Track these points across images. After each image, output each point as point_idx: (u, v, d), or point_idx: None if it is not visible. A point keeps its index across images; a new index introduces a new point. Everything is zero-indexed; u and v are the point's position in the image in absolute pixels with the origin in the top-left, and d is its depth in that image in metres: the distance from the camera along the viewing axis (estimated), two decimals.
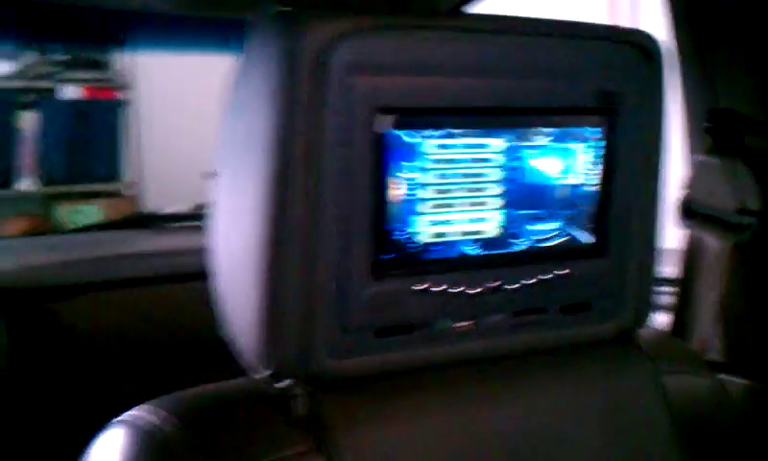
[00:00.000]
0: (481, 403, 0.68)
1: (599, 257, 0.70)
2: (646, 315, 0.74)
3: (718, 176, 0.79)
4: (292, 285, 0.59)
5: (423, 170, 0.61)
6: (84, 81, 3.38)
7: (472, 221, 0.64)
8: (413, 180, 0.61)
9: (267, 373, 0.62)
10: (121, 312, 1.45)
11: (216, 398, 0.66)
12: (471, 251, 0.65)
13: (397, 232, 0.61)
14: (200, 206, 2.30)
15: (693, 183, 0.83)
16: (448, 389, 0.67)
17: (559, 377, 0.72)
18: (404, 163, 0.60)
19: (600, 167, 0.68)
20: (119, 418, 0.65)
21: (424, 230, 0.62)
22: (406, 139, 0.60)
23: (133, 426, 0.62)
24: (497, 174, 0.64)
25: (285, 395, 0.63)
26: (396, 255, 0.62)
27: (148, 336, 1.46)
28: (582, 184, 0.68)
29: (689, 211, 0.84)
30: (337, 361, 0.62)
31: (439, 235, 0.63)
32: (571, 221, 0.68)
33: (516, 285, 0.66)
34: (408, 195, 0.61)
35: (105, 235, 1.86)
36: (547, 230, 0.67)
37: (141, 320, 1.46)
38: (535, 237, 0.67)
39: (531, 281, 0.67)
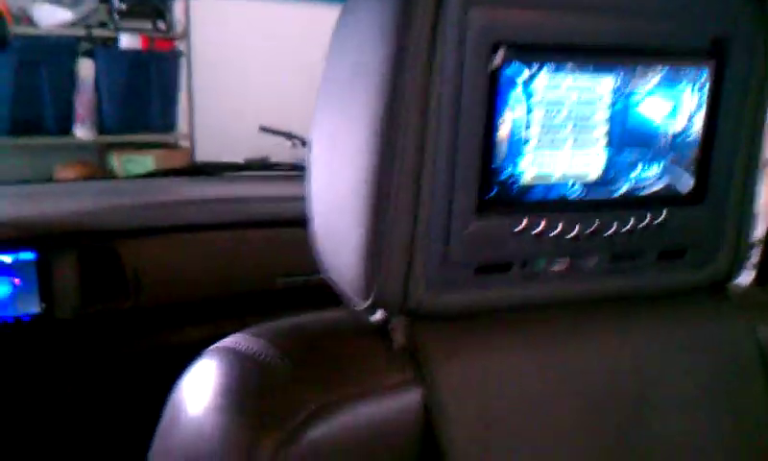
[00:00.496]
0: (573, 344, 0.68)
1: (698, 204, 0.69)
2: (741, 266, 0.73)
3: None
4: (397, 219, 0.59)
5: (530, 108, 0.61)
6: (142, 30, 3.39)
7: (576, 162, 0.63)
8: (520, 118, 0.60)
9: (366, 304, 0.62)
10: (184, 256, 1.47)
11: (314, 327, 0.66)
12: (572, 192, 0.64)
13: (503, 171, 0.61)
14: (252, 160, 2.32)
15: None
16: (543, 328, 0.67)
17: (650, 324, 0.71)
18: (513, 101, 0.60)
19: (704, 112, 0.67)
20: (214, 345, 0.65)
21: (528, 169, 0.62)
22: (517, 76, 0.59)
23: (232, 352, 0.63)
24: (603, 115, 0.63)
25: (384, 326, 0.64)
26: (498, 193, 0.61)
27: (209, 279, 1.48)
28: (685, 129, 0.66)
29: None
30: (436, 295, 0.62)
31: (542, 176, 0.63)
32: (672, 166, 0.67)
33: (614, 229, 0.66)
34: (514, 133, 0.61)
35: (162, 182, 1.88)
36: (648, 175, 0.66)
37: (203, 264, 1.48)
38: (635, 181, 0.66)
39: (629, 226, 0.66)
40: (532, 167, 0.62)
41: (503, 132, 0.60)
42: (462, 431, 0.61)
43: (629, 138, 0.64)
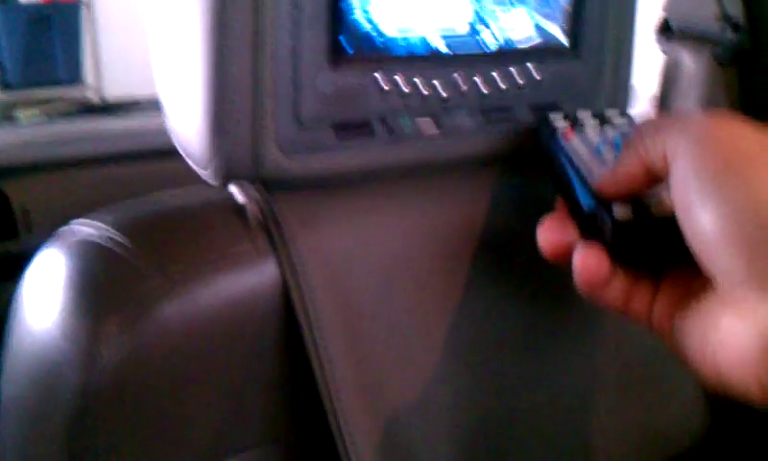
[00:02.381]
0: (444, 205, 0.64)
1: (574, 59, 0.66)
2: None
3: None
4: (238, 75, 0.53)
5: None
6: None
7: (440, 14, 0.59)
8: None
9: (218, 176, 0.57)
10: (76, 192, 1.39)
11: (159, 204, 0.61)
12: (439, 47, 0.60)
13: (357, 15, 0.56)
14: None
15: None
16: (410, 192, 0.63)
17: None
18: None
19: None
20: (51, 237, 0.59)
21: (387, 16, 0.57)
22: None
23: (71, 240, 0.57)
24: None
25: (236, 197, 0.60)
26: (356, 44, 0.57)
27: None
28: None
29: (667, 29, 0.79)
30: (292, 159, 0.58)
31: (403, 27, 0.58)
32: (545, 18, 0.63)
33: (486, 85, 0.62)
34: None
35: (58, 122, 1.80)
36: (520, 30, 0.62)
37: (98, 199, 1.41)
38: (507, 35, 0.62)
39: (501, 81, 0.63)
40: (392, 14, 0.57)
41: None
42: (321, 299, 0.58)
43: None
